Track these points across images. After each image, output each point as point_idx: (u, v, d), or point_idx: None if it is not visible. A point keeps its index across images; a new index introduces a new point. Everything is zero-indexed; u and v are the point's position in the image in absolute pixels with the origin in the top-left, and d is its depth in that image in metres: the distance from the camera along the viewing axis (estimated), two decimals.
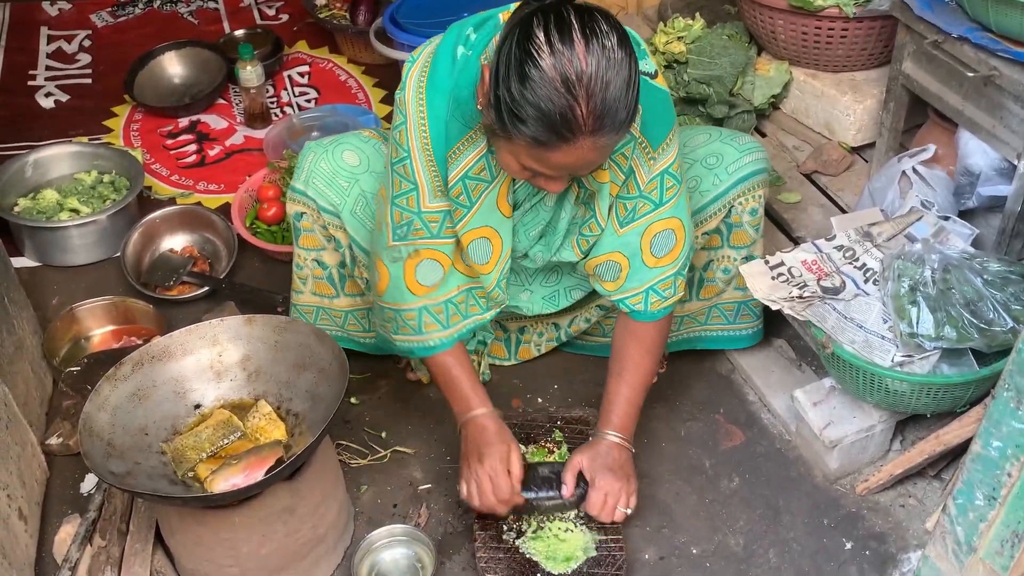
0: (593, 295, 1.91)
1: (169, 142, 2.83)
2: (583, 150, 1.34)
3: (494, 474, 1.63)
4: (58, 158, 2.55)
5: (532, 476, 1.69)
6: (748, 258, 1.87)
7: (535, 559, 1.66)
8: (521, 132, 1.34)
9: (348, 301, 1.95)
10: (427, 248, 1.64)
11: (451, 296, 1.69)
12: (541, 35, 1.28)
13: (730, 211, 1.82)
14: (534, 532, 1.70)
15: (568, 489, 1.66)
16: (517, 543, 1.68)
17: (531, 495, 1.67)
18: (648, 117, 1.54)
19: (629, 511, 1.66)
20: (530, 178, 1.47)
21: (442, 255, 1.65)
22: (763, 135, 2.53)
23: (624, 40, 1.32)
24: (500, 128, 1.37)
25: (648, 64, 1.53)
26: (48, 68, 3.15)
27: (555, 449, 1.82)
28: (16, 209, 2.43)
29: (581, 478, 1.68)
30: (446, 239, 1.64)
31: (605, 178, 1.59)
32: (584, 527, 1.71)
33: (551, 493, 1.68)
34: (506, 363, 2.09)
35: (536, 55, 1.28)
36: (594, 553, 1.67)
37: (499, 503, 1.64)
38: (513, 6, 1.47)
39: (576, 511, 1.72)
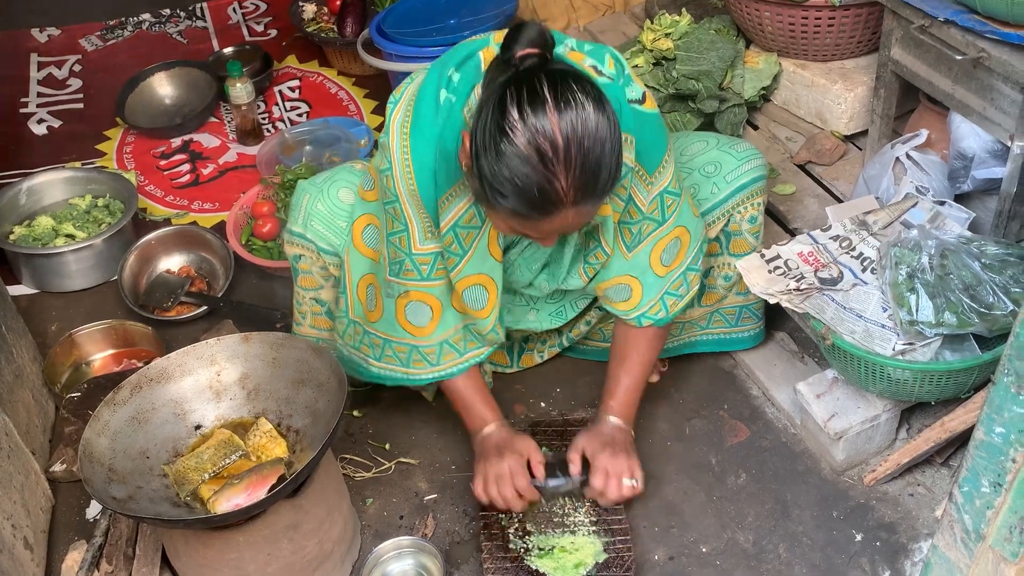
0: (596, 300, 1.91)
1: (162, 163, 2.84)
2: (567, 218, 1.34)
3: (513, 465, 1.65)
4: (52, 184, 2.55)
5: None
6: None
7: (544, 571, 1.65)
8: (503, 205, 1.33)
9: None
10: (417, 290, 1.64)
11: (447, 337, 1.70)
12: (515, 111, 1.26)
13: (729, 220, 1.81)
14: (541, 550, 1.68)
15: (576, 467, 1.68)
16: (525, 561, 1.67)
17: (540, 484, 1.69)
18: (642, 146, 1.53)
19: (635, 482, 1.66)
20: (522, 236, 1.48)
21: (431, 297, 1.65)
22: (755, 128, 2.52)
23: (600, 103, 1.29)
24: (483, 197, 1.37)
25: (635, 90, 1.51)
26: (39, 95, 3.16)
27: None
28: (11, 237, 2.43)
29: (585, 462, 1.69)
30: (436, 280, 1.63)
31: (607, 211, 1.59)
32: (593, 535, 1.70)
33: (559, 480, 1.70)
34: (508, 370, 2.09)
35: (510, 132, 1.26)
36: (603, 557, 1.66)
37: (515, 498, 1.65)
38: (493, 39, 1.46)
39: (586, 503, 1.74)
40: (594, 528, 1.71)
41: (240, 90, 2.76)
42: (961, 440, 1.78)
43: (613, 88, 1.46)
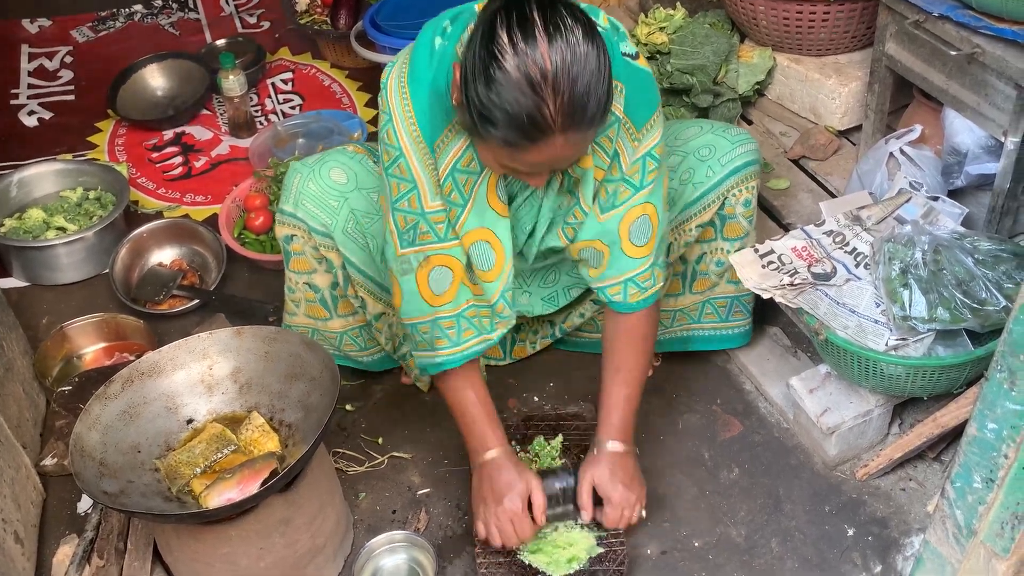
0: (590, 291, 1.90)
1: (154, 155, 2.82)
2: (556, 148, 1.33)
3: (516, 516, 1.61)
4: (43, 176, 2.54)
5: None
6: (740, 249, 1.86)
7: (537, 566, 1.65)
8: (492, 134, 1.32)
9: (341, 322, 1.93)
10: (436, 254, 1.59)
11: (462, 310, 1.64)
12: (504, 36, 1.26)
13: (724, 203, 1.80)
14: (533, 544, 1.67)
15: (587, 514, 1.65)
16: (518, 556, 1.66)
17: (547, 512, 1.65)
18: (631, 97, 1.52)
19: (643, 512, 1.67)
20: (511, 173, 1.46)
21: (453, 260, 1.59)
22: (749, 122, 2.52)
23: (590, 31, 1.29)
24: (473, 129, 1.36)
25: (629, 46, 1.51)
26: (30, 86, 3.14)
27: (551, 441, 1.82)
28: (2, 230, 2.42)
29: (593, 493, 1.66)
30: (454, 240, 1.59)
31: (589, 163, 1.56)
32: (585, 530, 1.69)
33: (563, 508, 1.66)
34: (501, 363, 2.08)
35: (500, 56, 1.26)
36: (597, 551, 1.66)
37: (517, 543, 1.63)
38: None
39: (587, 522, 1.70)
40: (586, 523, 1.71)
41: (233, 82, 2.74)
42: (953, 435, 1.78)
43: (607, 35, 1.45)
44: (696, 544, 1.75)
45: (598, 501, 1.65)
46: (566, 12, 1.28)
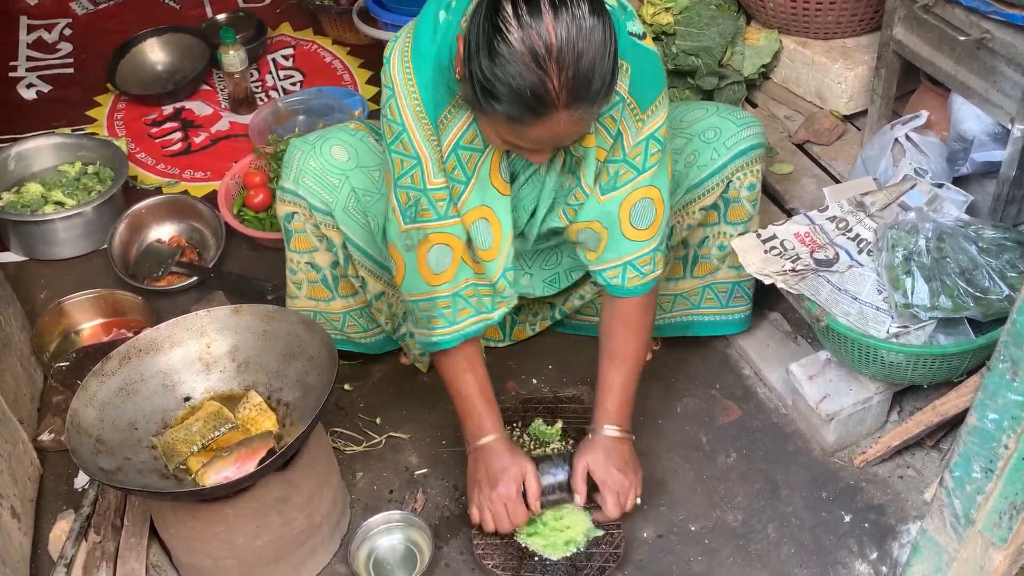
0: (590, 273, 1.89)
1: (154, 130, 2.80)
2: (559, 124, 1.32)
3: (509, 501, 1.61)
4: (41, 150, 2.52)
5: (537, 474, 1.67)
6: (743, 233, 1.85)
7: (534, 549, 1.65)
8: (495, 109, 1.31)
9: (343, 303, 1.92)
10: (436, 232, 1.58)
11: (459, 289, 1.63)
12: (509, 8, 1.25)
13: (728, 186, 1.79)
14: (531, 527, 1.68)
15: (581, 498, 1.64)
16: (515, 537, 1.67)
17: (541, 499, 1.65)
18: (637, 77, 1.51)
19: (639, 501, 1.66)
20: (513, 149, 1.44)
21: (453, 238, 1.58)
22: (754, 106, 2.50)
23: (597, 6, 1.28)
24: (476, 103, 1.35)
25: (636, 26, 1.50)
26: (29, 59, 3.11)
27: (552, 424, 1.81)
28: (0, 203, 2.40)
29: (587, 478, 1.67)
30: (454, 218, 1.57)
31: (592, 143, 1.54)
32: (582, 510, 1.69)
33: (559, 496, 1.67)
34: (500, 344, 2.08)
35: (504, 30, 1.25)
36: (595, 534, 1.66)
37: (511, 527, 1.63)
38: None
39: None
40: (584, 505, 1.71)
41: (233, 57, 2.72)
42: (952, 424, 1.78)
43: (614, 13, 1.43)
44: (693, 528, 1.75)
45: (594, 487, 1.65)
46: None
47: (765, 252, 1.80)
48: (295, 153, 1.77)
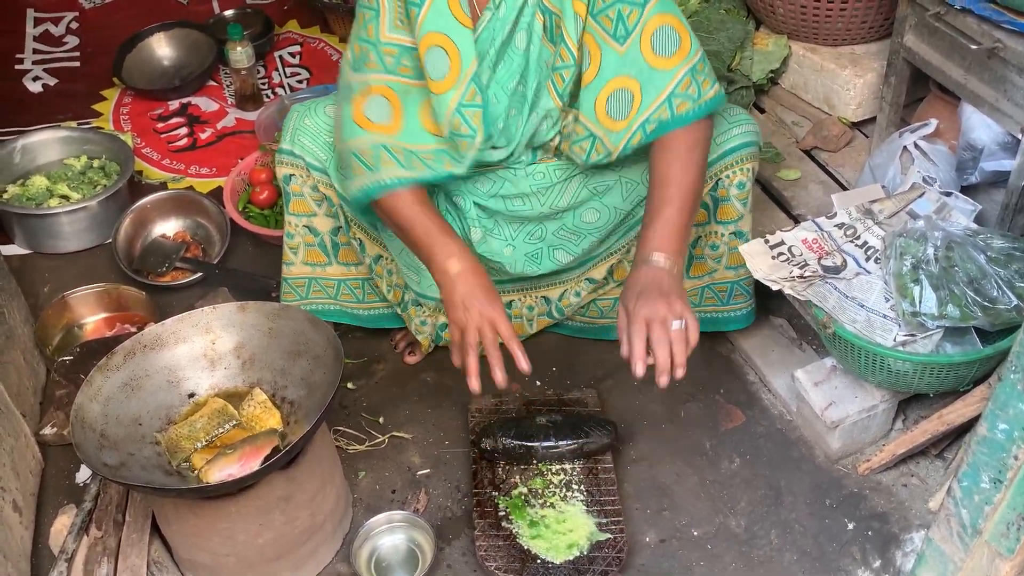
0: (579, 264, 1.87)
1: (160, 125, 2.79)
2: None
3: (493, 319, 1.53)
4: (47, 143, 2.51)
5: (529, 425, 1.76)
6: (736, 234, 1.84)
7: (536, 551, 1.65)
8: None
9: (340, 269, 1.92)
10: (377, 83, 1.59)
11: (417, 150, 1.59)
12: None
13: (717, 184, 1.78)
14: (533, 529, 1.67)
15: (625, 349, 1.47)
16: (518, 540, 1.66)
17: (534, 446, 1.74)
18: None
19: (681, 324, 1.46)
20: None
21: (390, 91, 1.58)
22: (762, 111, 2.50)
23: None
24: None
25: None
26: (36, 51, 3.10)
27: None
28: (5, 196, 2.40)
29: (600, 425, 1.73)
30: (399, 76, 1.58)
31: None
32: (586, 516, 1.69)
33: (549, 443, 1.74)
34: (500, 344, 2.06)
35: None
36: (598, 538, 1.66)
37: (494, 342, 1.54)
38: None
39: (576, 462, 1.76)
40: (587, 509, 1.71)
41: (240, 54, 2.72)
42: (957, 433, 1.78)
43: None
44: (695, 533, 1.74)
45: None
46: None
47: (773, 258, 1.79)
48: (292, 115, 1.80)
